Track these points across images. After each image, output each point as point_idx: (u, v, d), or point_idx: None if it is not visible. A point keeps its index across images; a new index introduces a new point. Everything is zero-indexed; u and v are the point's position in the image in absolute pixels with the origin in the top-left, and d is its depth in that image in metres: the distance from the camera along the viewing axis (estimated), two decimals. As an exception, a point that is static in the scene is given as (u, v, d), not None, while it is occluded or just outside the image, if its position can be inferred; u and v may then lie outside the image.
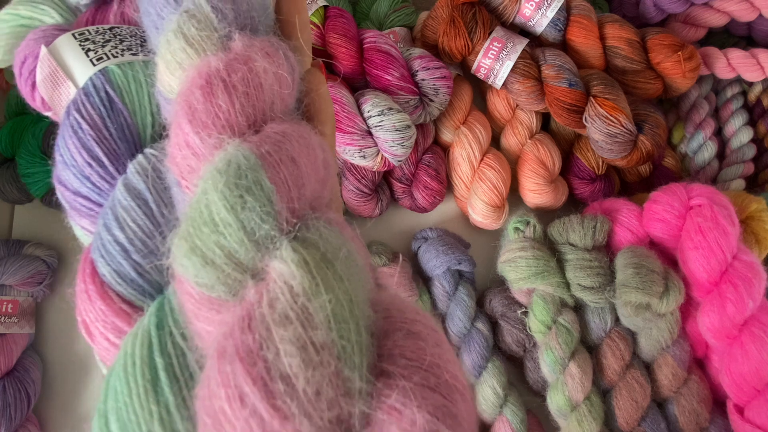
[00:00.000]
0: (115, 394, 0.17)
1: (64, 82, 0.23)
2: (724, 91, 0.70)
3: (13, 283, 0.58)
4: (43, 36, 0.26)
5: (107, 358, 0.19)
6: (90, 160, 0.21)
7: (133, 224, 0.19)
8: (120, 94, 0.22)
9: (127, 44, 0.25)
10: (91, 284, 0.19)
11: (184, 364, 0.16)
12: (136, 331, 0.17)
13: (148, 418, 0.16)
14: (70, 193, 0.22)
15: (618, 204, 0.59)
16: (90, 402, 0.60)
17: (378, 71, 0.58)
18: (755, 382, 0.49)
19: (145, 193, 0.20)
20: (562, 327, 0.55)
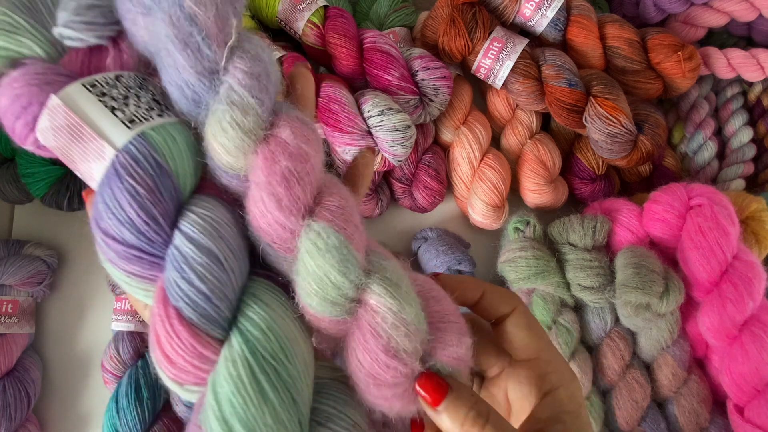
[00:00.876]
0: (232, 405, 0.22)
1: (94, 140, 0.25)
2: (724, 91, 0.70)
3: (13, 283, 0.58)
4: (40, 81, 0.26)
5: (187, 380, 0.25)
6: (148, 220, 0.25)
7: (212, 277, 0.24)
8: (165, 159, 0.26)
9: (145, 102, 0.27)
10: (180, 326, 0.24)
11: (276, 376, 0.23)
12: (233, 358, 0.23)
13: (262, 416, 0.22)
14: (121, 246, 0.25)
15: (618, 204, 0.59)
16: (90, 402, 0.60)
17: (378, 71, 0.58)
18: (755, 382, 0.49)
19: (215, 250, 0.25)
20: (562, 327, 0.55)
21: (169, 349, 0.24)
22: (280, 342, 0.24)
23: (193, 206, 0.26)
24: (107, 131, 0.25)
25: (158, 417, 0.56)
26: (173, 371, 0.24)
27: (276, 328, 0.25)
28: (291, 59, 0.59)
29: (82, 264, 0.64)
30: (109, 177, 0.25)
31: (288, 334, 0.25)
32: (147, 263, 0.26)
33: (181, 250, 0.25)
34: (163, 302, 0.24)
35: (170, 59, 0.26)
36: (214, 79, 0.26)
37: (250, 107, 0.25)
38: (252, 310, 0.25)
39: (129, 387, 0.55)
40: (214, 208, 0.26)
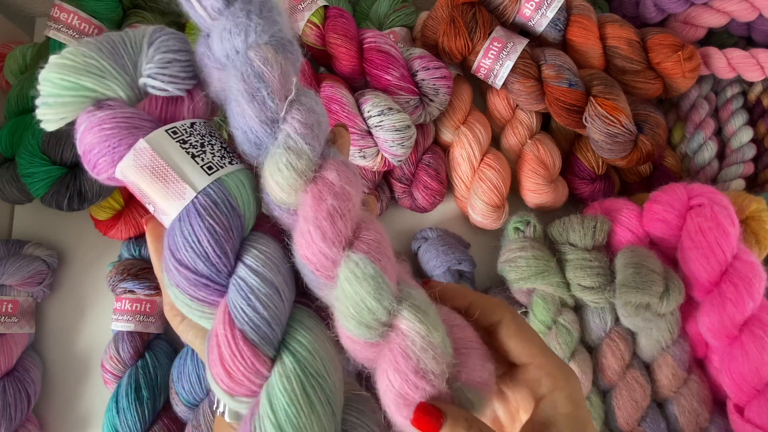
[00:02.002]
0: (286, 414, 0.26)
1: (177, 182, 0.29)
2: (724, 91, 0.70)
3: (13, 283, 0.58)
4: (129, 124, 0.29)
5: (240, 392, 0.28)
6: (221, 254, 0.28)
7: (273, 306, 0.28)
8: (237, 202, 0.29)
9: (218, 150, 0.31)
10: (244, 346, 0.27)
11: (321, 390, 0.27)
12: (287, 374, 0.27)
13: (311, 424, 0.26)
14: (193, 274, 0.29)
15: (618, 204, 0.59)
16: (90, 402, 0.60)
17: (378, 71, 0.58)
18: (755, 382, 0.49)
19: (275, 282, 0.29)
20: (562, 327, 0.55)
21: (230, 365, 0.27)
22: (323, 361, 0.28)
23: (254, 242, 0.30)
24: (189, 176, 0.29)
25: (158, 417, 0.56)
26: (230, 384, 0.28)
27: (319, 349, 0.28)
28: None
29: (82, 264, 0.64)
30: (190, 215, 0.29)
31: (327, 354, 0.28)
32: (212, 290, 0.29)
33: (247, 281, 0.28)
34: (229, 325, 0.28)
35: (239, 108, 0.29)
36: (274, 127, 0.30)
37: (303, 152, 0.29)
38: (299, 334, 0.29)
39: (129, 387, 0.55)
40: (270, 244, 0.30)
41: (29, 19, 0.73)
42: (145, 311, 0.59)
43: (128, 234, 0.62)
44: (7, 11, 0.70)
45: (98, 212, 0.61)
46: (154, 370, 0.57)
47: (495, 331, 0.32)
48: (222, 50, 0.30)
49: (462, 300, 0.33)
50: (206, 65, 0.32)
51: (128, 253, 0.61)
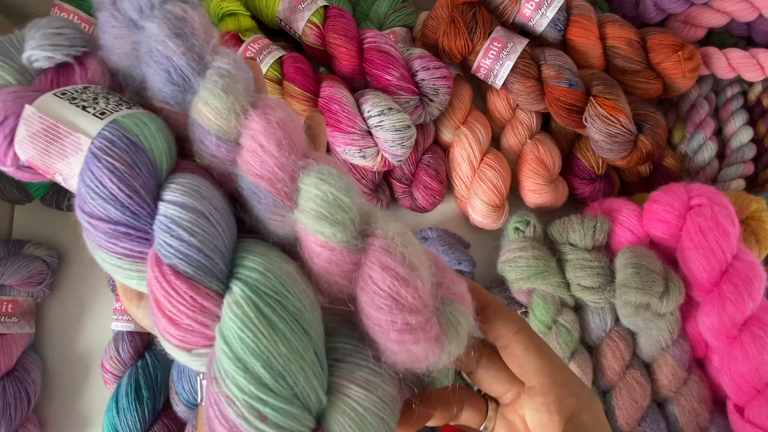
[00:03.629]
0: (242, 341, 0.23)
1: (70, 134, 0.27)
2: (724, 91, 0.70)
3: (13, 283, 0.58)
4: (14, 97, 0.28)
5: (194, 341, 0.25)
6: (130, 193, 0.26)
7: (200, 230, 0.26)
8: (138, 138, 0.27)
9: (114, 101, 0.29)
10: (177, 281, 0.24)
11: (282, 308, 0.24)
12: (236, 299, 0.24)
13: (275, 345, 0.23)
14: (107, 224, 0.26)
15: (618, 204, 0.59)
16: (90, 402, 0.60)
17: (378, 71, 0.58)
18: (755, 382, 0.49)
19: (199, 207, 0.26)
20: (562, 327, 0.55)
21: (169, 308, 0.24)
22: (279, 279, 0.25)
23: (172, 180, 0.28)
24: (81, 124, 0.27)
25: (158, 417, 0.56)
26: (178, 333, 0.24)
27: (273, 268, 0.25)
28: (291, 59, 0.59)
29: (82, 264, 0.64)
30: (88, 161, 0.26)
31: (286, 273, 0.26)
32: (135, 240, 0.26)
33: (167, 214, 0.26)
34: (157, 264, 0.25)
35: (161, 51, 0.28)
36: (201, 63, 0.29)
37: (238, 77, 0.28)
38: (247, 260, 0.26)
39: (129, 387, 0.55)
40: (191, 177, 0.28)
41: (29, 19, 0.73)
42: (145, 311, 0.59)
43: (128, 234, 0.62)
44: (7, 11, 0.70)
45: (98, 212, 0.61)
46: (154, 370, 0.57)
47: (510, 345, 0.30)
48: (134, 6, 0.29)
49: (478, 298, 0.30)
50: (111, 28, 0.30)
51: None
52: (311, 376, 0.23)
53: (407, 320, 0.24)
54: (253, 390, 0.22)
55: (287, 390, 0.22)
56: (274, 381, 0.22)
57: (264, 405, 0.22)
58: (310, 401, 0.23)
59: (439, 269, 0.27)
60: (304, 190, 0.26)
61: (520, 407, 0.30)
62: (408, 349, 0.24)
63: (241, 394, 0.22)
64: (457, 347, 0.26)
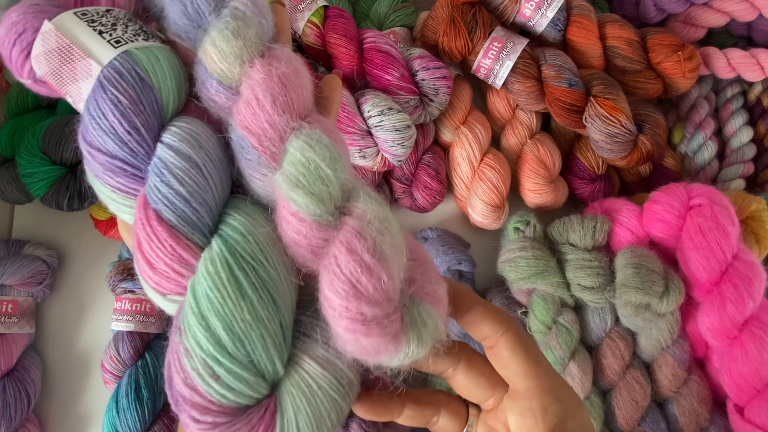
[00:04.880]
0: (209, 300, 0.23)
1: (83, 58, 0.27)
2: (724, 91, 0.70)
3: (13, 283, 0.57)
4: (35, 10, 0.28)
5: (168, 288, 0.25)
6: (130, 129, 0.26)
7: (191, 181, 0.25)
8: (148, 74, 0.27)
9: (133, 29, 0.29)
10: (159, 227, 0.24)
11: (255, 275, 0.24)
12: (212, 257, 0.24)
13: (240, 311, 0.23)
14: (105, 156, 0.26)
15: (618, 204, 0.59)
16: (90, 402, 0.60)
17: (378, 71, 0.58)
18: (755, 382, 0.49)
19: (194, 156, 0.26)
20: (562, 327, 0.55)
21: (149, 251, 0.24)
22: (259, 245, 0.25)
23: (174, 123, 0.27)
24: (94, 50, 0.27)
25: (158, 417, 0.56)
26: (155, 278, 0.25)
27: (255, 232, 0.25)
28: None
29: (82, 264, 0.64)
30: (95, 90, 0.26)
31: (268, 239, 0.25)
32: (130, 176, 0.26)
33: (161, 157, 0.26)
34: (143, 206, 0.25)
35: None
36: (219, 4, 0.28)
37: (252, 22, 0.27)
38: (232, 218, 0.26)
39: (129, 387, 0.55)
40: (194, 123, 0.28)
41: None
42: (145, 311, 0.59)
43: (128, 234, 0.62)
44: (7, 11, 0.70)
45: (98, 212, 0.61)
46: (154, 370, 0.57)
47: (496, 346, 0.29)
48: None
49: (465, 301, 0.29)
50: None
51: (128, 253, 0.61)
52: (270, 345, 0.23)
53: (362, 310, 0.22)
54: (211, 349, 0.22)
55: (244, 356, 0.23)
56: (232, 344, 0.22)
57: (219, 365, 0.22)
58: (266, 370, 0.23)
59: (419, 265, 0.25)
60: (290, 153, 0.25)
61: (503, 412, 0.29)
62: (357, 339, 0.23)
63: (199, 350, 0.22)
64: (417, 349, 0.24)
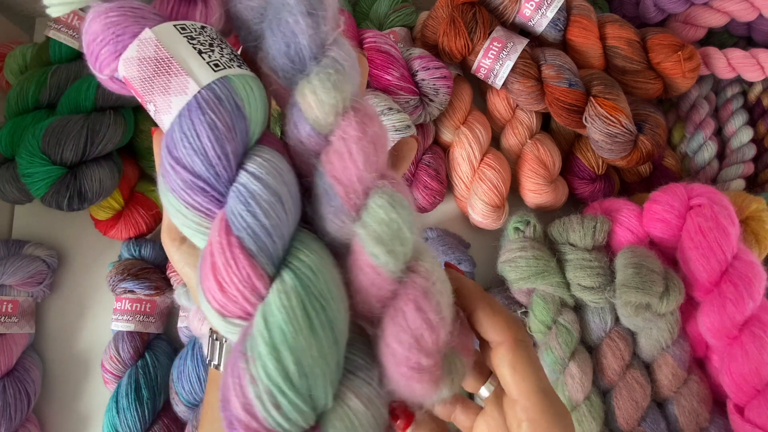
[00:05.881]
0: (283, 332, 0.24)
1: (180, 74, 0.27)
2: (724, 91, 0.70)
3: (13, 283, 0.58)
4: (136, 15, 0.28)
5: (233, 311, 0.26)
6: (221, 154, 0.27)
7: (275, 215, 0.26)
8: (243, 104, 0.28)
9: (227, 53, 0.30)
10: (240, 254, 0.25)
11: (324, 313, 0.25)
12: (287, 290, 0.25)
13: (309, 347, 0.24)
14: (189, 174, 0.27)
15: (618, 204, 0.59)
16: (90, 402, 0.60)
17: (378, 71, 0.58)
18: (755, 382, 0.49)
19: (280, 191, 0.27)
20: (562, 327, 0.55)
21: (224, 275, 0.25)
22: (327, 284, 0.26)
23: (258, 152, 0.28)
24: (194, 69, 0.27)
25: (158, 417, 0.56)
26: (222, 300, 0.26)
27: (324, 271, 0.26)
28: None
29: (82, 264, 0.64)
30: (191, 109, 0.27)
31: (333, 277, 0.27)
32: (209, 197, 0.27)
33: (248, 187, 0.27)
34: (225, 231, 0.26)
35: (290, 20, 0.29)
36: (320, 50, 0.29)
37: (350, 77, 0.29)
38: (302, 253, 0.27)
39: (129, 387, 0.55)
40: (277, 156, 0.29)
41: (29, 19, 0.73)
42: (145, 311, 0.59)
43: (128, 234, 0.62)
44: (7, 11, 0.70)
45: (98, 212, 0.61)
46: (154, 370, 0.57)
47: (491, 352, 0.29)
48: None
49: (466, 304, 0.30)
50: None
51: (128, 253, 0.61)
52: (328, 382, 0.24)
53: (421, 361, 0.25)
54: (279, 380, 0.23)
55: (305, 389, 0.24)
56: (298, 377, 0.23)
57: (283, 396, 0.23)
58: (319, 403, 0.24)
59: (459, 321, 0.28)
60: (373, 210, 0.27)
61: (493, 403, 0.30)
62: (410, 384, 0.26)
63: (266, 378, 0.23)
64: (447, 393, 0.27)
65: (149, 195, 0.63)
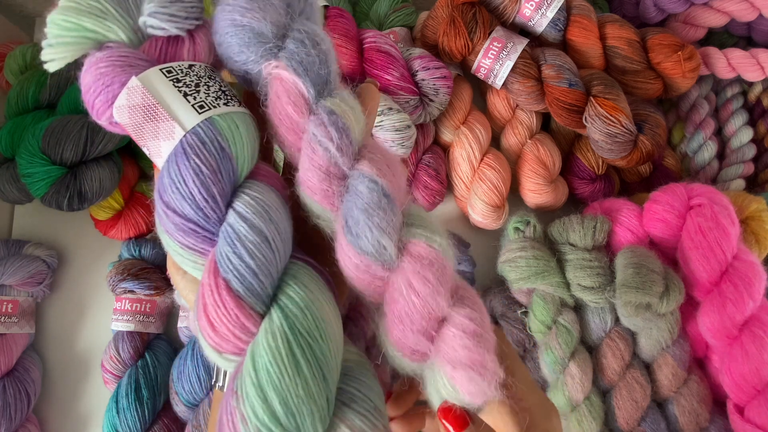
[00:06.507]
0: (268, 374, 0.24)
1: (166, 120, 0.28)
2: (724, 91, 0.70)
3: (13, 283, 0.58)
4: (123, 63, 0.29)
5: (226, 348, 0.26)
6: (207, 197, 0.27)
7: (260, 254, 0.27)
8: (228, 144, 0.28)
9: (214, 91, 0.30)
10: (227, 296, 0.26)
11: (310, 352, 0.25)
12: (273, 331, 0.25)
13: (295, 387, 0.24)
14: (179, 218, 0.28)
15: (618, 204, 0.59)
16: (90, 402, 0.60)
17: (378, 71, 0.58)
18: (755, 382, 0.49)
19: (265, 231, 0.27)
20: (562, 327, 0.55)
21: (214, 316, 0.26)
22: (315, 321, 0.26)
23: (247, 189, 0.29)
24: (179, 114, 0.28)
25: (158, 417, 0.56)
26: (215, 339, 0.26)
27: (313, 308, 0.27)
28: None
29: (82, 264, 0.64)
30: (177, 155, 0.28)
31: (323, 315, 0.27)
32: (201, 237, 0.28)
33: (235, 227, 0.27)
34: (213, 273, 0.27)
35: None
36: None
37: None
38: (292, 290, 0.27)
39: (129, 387, 0.55)
40: (265, 193, 0.29)
41: (29, 19, 0.73)
42: (145, 311, 0.59)
43: (128, 234, 0.62)
44: (7, 11, 0.70)
45: (98, 212, 0.61)
46: (154, 370, 0.57)
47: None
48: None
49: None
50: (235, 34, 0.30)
51: (128, 253, 0.61)
52: (317, 419, 0.25)
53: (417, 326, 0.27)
54: (266, 420, 0.24)
55: (294, 428, 0.24)
56: (285, 417, 0.24)
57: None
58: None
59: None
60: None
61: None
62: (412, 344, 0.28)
63: (254, 418, 0.24)
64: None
65: (149, 195, 0.63)
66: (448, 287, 0.28)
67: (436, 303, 0.27)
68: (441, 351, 0.27)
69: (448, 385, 0.27)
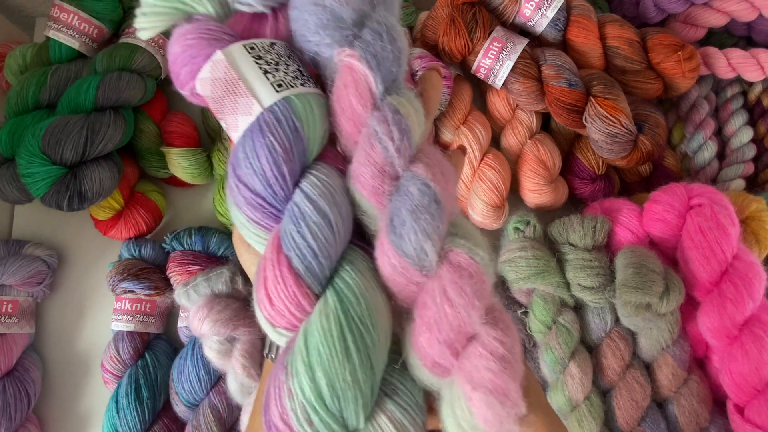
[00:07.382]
0: (319, 354, 0.25)
1: (246, 96, 0.29)
2: (724, 91, 0.70)
3: (13, 283, 0.58)
4: (210, 37, 0.30)
5: (280, 323, 0.27)
6: (277, 175, 0.28)
7: (322, 236, 0.27)
8: (302, 124, 0.29)
9: (293, 71, 0.31)
10: (288, 273, 0.27)
11: (361, 339, 0.25)
12: (327, 312, 0.26)
13: (343, 371, 0.25)
14: (249, 192, 0.28)
15: (618, 204, 0.59)
16: (90, 402, 0.60)
17: (378, 71, 0.58)
18: (755, 382, 0.49)
19: (329, 213, 0.28)
20: (562, 327, 0.55)
21: (273, 290, 0.27)
22: (368, 309, 0.27)
23: (315, 170, 0.29)
24: (258, 91, 0.29)
25: (158, 417, 0.56)
26: (271, 312, 0.27)
27: (367, 295, 0.27)
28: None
29: (82, 264, 0.64)
30: (253, 131, 0.28)
31: (376, 303, 0.27)
32: (267, 213, 0.29)
33: (301, 207, 0.28)
34: (276, 250, 0.27)
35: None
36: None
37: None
38: (348, 275, 0.28)
39: (129, 387, 0.55)
40: (332, 176, 0.30)
41: (29, 19, 0.73)
42: (145, 311, 0.59)
43: (128, 234, 0.62)
44: (7, 11, 0.70)
45: (98, 212, 0.61)
46: (154, 370, 0.57)
47: None
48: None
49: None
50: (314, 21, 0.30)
51: (128, 253, 0.61)
52: (360, 406, 0.25)
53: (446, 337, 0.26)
54: (312, 399, 0.24)
55: (337, 411, 0.25)
56: (330, 399, 0.25)
57: (315, 414, 0.24)
58: (350, 424, 0.25)
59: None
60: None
61: None
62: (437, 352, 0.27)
63: (301, 395, 0.25)
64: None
65: (149, 195, 0.63)
66: (484, 304, 0.27)
67: (469, 317, 0.26)
68: (464, 369, 0.26)
69: (465, 407, 0.25)
